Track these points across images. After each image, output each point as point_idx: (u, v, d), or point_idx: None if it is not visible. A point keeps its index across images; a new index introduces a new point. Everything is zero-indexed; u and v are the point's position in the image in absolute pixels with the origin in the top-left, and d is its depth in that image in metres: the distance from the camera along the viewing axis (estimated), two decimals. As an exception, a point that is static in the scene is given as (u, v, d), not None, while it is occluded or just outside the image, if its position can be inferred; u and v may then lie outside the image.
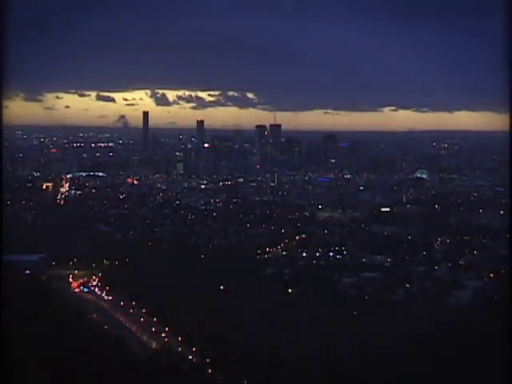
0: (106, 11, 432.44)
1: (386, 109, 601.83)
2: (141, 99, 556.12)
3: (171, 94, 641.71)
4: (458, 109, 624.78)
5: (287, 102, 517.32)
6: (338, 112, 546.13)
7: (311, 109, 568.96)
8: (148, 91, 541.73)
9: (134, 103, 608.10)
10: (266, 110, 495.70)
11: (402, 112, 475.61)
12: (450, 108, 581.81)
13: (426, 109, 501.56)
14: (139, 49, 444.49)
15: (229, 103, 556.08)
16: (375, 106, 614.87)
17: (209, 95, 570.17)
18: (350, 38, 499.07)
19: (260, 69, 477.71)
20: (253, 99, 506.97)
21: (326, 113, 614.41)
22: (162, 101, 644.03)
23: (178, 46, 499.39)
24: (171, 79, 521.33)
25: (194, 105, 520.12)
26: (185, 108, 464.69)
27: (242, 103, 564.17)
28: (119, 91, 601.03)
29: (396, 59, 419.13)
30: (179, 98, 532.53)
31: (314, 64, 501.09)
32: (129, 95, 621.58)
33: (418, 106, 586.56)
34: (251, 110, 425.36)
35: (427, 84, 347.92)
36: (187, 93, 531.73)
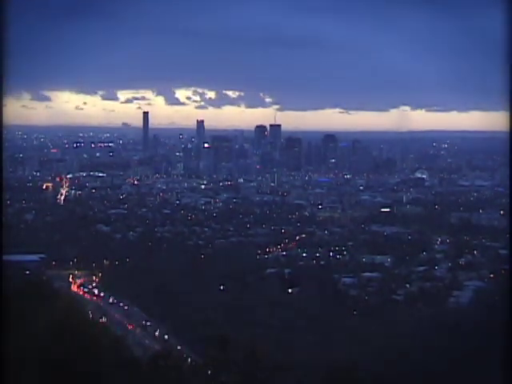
0: (110, 10, 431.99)
1: (391, 109, 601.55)
2: (143, 97, 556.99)
3: (179, 93, 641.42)
4: (459, 109, 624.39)
5: (297, 102, 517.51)
6: (349, 112, 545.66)
7: (320, 108, 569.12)
8: (155, 90, 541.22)
9: (138, 102, 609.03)
10: (277, 109, 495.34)
11: (406, 112, 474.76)
12: (461, 108, 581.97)
13: (436, 108, 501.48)
14: (143, 47, 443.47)
15: (239, 102, 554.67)
16: (385, 106, 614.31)
17: (216, 94, 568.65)
18: (360, 37, 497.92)
19: (271, 67, 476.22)
20: (265, 99, 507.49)
21: (333, 113, 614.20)
22: (170, 100, 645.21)
23: (181, 46, 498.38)
24: (178, 78, 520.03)
25: (201, 104, 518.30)
26: (192, 107, 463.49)
27: (253, 103, 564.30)
28: (124, 90, 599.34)
29: (401, 58, 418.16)
30: (187, 98, 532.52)
31: (325, 63, 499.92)
32: (133, 94, 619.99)
33: (420, 107, 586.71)
34: (262, 110, 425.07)
35: (429, 84, 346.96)
36: (194, 92, 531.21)
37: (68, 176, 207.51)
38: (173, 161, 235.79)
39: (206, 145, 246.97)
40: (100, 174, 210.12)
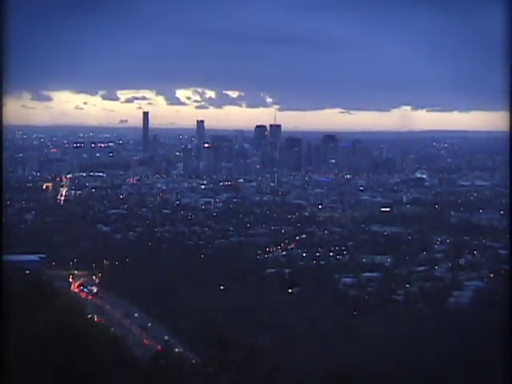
0: (110, 10, 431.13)
1: (392, 109, 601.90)
2: (143, 97, 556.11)
3: (179, 93, 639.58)
4: (459, 109, 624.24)
5: (298, 102, 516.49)
6: (350, 112, 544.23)
7: (320, 108, 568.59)
8: (155, 90, 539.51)
9: (139, 102, 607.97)
10: (277, 109, 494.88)
11: (407, 112, 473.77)
12: (461, 108, 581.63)
13: (437, 108, 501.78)
14: (143, 47, 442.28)
15: (240, 102, 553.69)
16: (386, 106, 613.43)
17: (216, 94, 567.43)
18: (361, 36, 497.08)
19: (272, 67, 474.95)
20: (266, 99, 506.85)
21: (334, 113, 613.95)
22: (170, 100, 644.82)
23: (182, 45, 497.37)
24: (179, 78, 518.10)
25: (201, 104, 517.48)
26: (192, 107, 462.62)
27: (253, 103, 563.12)
28: (124, 90, 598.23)
29: (402, 58, 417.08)
30: (187, 97, 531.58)
31: (326, 63, 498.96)
32: (133, 94, 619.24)
33: (421, 107, 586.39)
34: (263, 110, 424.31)
35: (430, 84, 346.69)
36: (194, 92, 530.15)
37: (68, 176, 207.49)
38: (173, 161, 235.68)
39: (206, 145, 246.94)
40: (100, 174, 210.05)
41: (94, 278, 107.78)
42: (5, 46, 26.54)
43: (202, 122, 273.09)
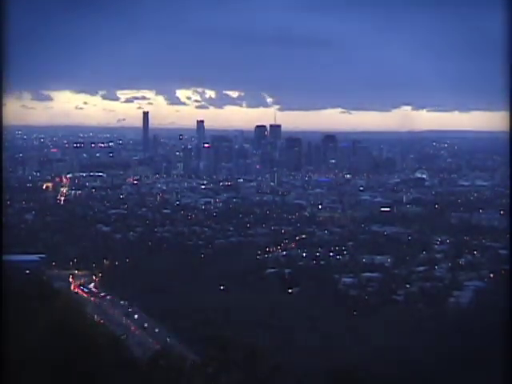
0: (110, 9, 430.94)
1: (393, 109, 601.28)
2: (143, 97, 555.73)
3: (179, 93, 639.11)
4: (460, 109, 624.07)
5: (299, 102, 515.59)
6: (350, 112, 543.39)
7: (321, 108, 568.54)
8: (155, 90, 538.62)
9: (139, 102, 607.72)
10: (278, 109, 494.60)
11: (407, 112, 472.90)
12: (462, 108, 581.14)
13: (438, 108, 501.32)
14: (143, 47, 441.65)
15: (240, 102, 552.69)
16: (386, 106, 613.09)
17: (216, 94, 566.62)
18: (362, 36, 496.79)
19: (272, 67, 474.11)
20: (266, 99, 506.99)
21: (334, 113, 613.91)
22: (170, 100, 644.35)
23: (182, 45, 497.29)
24: (179, 78, 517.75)
25: (202, 104, 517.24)
26: (192, 107, 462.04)
27: (254, 103, 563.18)
28: (124, 90, 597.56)
29: (402, 58, 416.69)
30: (187, 97, 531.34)
31: (327, 63, 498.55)
32: (133, 94, 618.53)
33: (422, 107, 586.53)
34: (263, 110, 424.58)
35: (430, 84, 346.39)
36: (194, 92, 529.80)
37: (68, 176, 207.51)
38: (173, 161, 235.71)
39: (206, 145, 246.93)
40: (100, 174, 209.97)
41: (94, 277, 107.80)
42: (5, 46, 26.56)
43: (202, 122, 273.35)
